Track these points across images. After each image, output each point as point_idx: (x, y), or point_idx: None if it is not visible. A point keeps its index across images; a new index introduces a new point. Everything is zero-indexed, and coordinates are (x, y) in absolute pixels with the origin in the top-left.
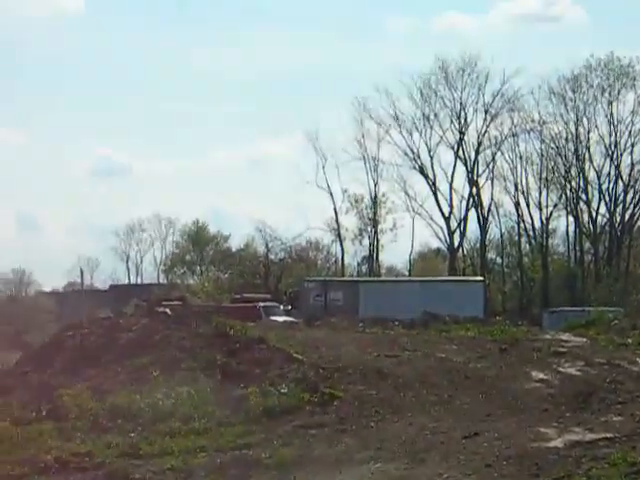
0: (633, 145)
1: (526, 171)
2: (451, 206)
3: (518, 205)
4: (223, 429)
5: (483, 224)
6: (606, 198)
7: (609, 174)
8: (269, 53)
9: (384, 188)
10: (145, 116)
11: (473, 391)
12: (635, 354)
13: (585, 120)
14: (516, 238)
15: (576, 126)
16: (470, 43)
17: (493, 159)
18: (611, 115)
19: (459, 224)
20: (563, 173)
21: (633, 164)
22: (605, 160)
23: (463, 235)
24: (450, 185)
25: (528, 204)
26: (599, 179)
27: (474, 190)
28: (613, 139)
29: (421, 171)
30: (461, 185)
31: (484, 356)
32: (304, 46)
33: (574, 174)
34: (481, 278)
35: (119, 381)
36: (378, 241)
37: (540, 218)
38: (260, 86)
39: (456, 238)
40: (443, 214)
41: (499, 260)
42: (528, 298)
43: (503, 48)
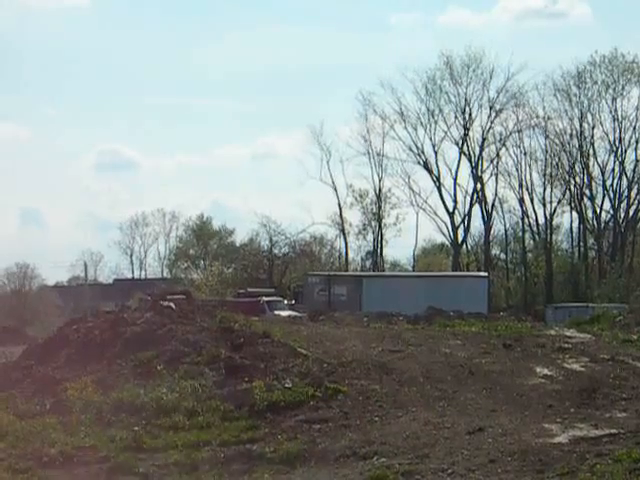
0: (637, 141)
1: (530, 167)
2: (455, 201)
3: (522, 201)
4: (227, 423)
5: (487, 220)
6: (610, 194)
7: (613, 170)
8: (274, 49)
9: (388, 183)
10: (149, 111)
11: (477, 386)
12: None
13: (589, 116)
14: (520, 234)
15: (580, 122)
16: (475, 39)
17: (497, 155)
18: (615, 111)
19: (463, 219)
20: (567, 169)
21: (637, 160)
22: (609, 156)
23: (467, 230)
24: (454, 180)
25: (532, 200)
26: (603, 175)
27: (478, 186)
28: (617, 135)
29: (425, 166)
30: (465, 181)
31: (488, 352)
32: (309, 41)
33: (578, 170)
34: (485, 274)
35: (123, 375)
36: (382, 236)
37: (544, 214)
38: (265, 81)
39: (460, 233)
40: (447, 209)
41: (503, 256)
42: (532, 294)
43: (508, 44)
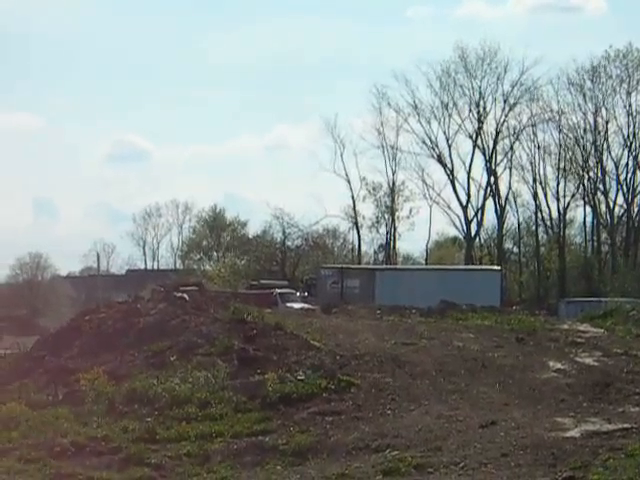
0: None
1: (544, 161)
2: (468, 195)
3: (536, 195)
4: (240, 415)
5: (500, 213)
6: (624, 188)
7: (627, 164)
8: (288, 40)
9: (402, 176)
10: (163, 101)
11: (490, 380)
12: None
13: (604, 110)
14: (533, 228)
15: (594, 116)
16: (490, 32)
17: (511, 148)
18: (629, 106)
19: (476, 213)
20: (581, 163)
21: None
22: (623, 150)
23: (480, 224)
24: (468, 174)
25: (546, 194)
26: (617, 169)
27: (492, 179)
28: (631, 129)
29: (439, 160)
30: (479, 174)
31: (501, 345)
32: (323, 33)
33: (592, 164)
34: (498, 267)
35: (136, 366)
36: (395, 229)
37: (557, 208)
38: (279, 73)
39: (473, 227)
40: (460, 203)
41: (516, 250)
42: (545, 288)
43: (522, 38)
